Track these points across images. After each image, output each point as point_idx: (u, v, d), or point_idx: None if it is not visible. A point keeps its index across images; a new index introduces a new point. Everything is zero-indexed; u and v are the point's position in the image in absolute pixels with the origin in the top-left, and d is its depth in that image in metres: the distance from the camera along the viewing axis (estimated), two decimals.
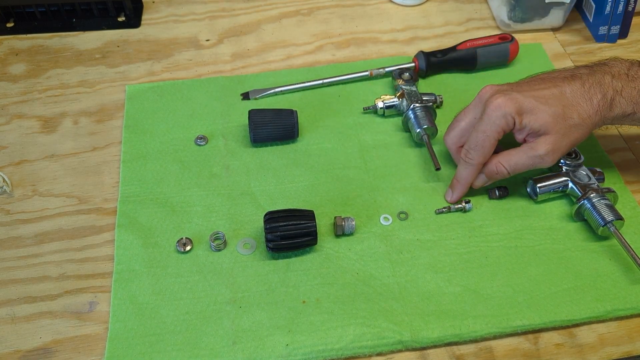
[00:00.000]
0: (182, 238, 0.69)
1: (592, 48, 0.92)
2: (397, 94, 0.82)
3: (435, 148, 0.77)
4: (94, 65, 0.90)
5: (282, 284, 0.66)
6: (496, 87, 0.70)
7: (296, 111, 0.78)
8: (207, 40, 0.94)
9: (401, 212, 0.72)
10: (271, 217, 0.67)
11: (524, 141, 0.69)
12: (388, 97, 0.82)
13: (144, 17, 0.97)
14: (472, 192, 0.74)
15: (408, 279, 0.67)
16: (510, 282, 0.66)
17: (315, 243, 0.68)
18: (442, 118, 0.82)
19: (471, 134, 0.69)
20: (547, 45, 0.92)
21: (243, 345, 0.62)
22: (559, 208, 0.73)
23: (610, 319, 0.64)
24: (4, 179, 0.75)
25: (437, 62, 0.86)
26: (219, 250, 0.69)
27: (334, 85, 0.86)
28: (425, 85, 0.86)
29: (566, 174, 0.72)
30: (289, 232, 0.66)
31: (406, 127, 0.80)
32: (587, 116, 0.67)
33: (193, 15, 0.98)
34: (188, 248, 0.69)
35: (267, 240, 0.66)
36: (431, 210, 0.72)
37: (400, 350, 0.62)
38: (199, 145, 0.79)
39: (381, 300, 0.65)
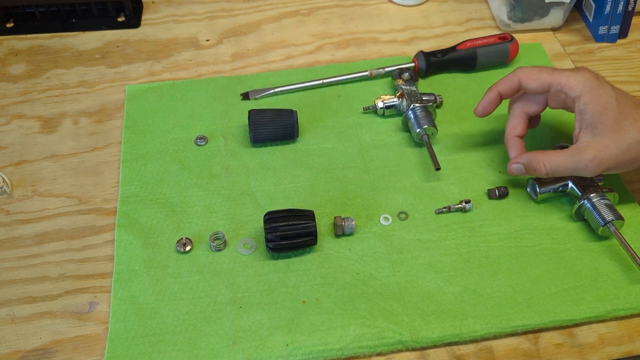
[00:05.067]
0: (182, 238, 0.69)
1: (592, 48, 0.92)
2: (397, 94, 0.82)
3: (435, 148, 0.77)
4: (93, 66, 0.90)
5: (282, 284, 0.66)
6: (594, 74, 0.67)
7: (296, 111, 0.78)
8: (207, 40, 0.94)
9: (401, 212, 0.72)
10: (271, 217, 0.66)
11: (577, 136, 0.66)
12: (388, 97, 0.82)
13: (144, 17, 0.97)
14: (472, 192, 0.74)
15: (408, 279, 0.67)
16: (510, 282, 0.66)
17: (315, 243, 0.68)
18: (442, 118, 0.82)
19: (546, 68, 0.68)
20: (547, 45, 0.92)
21: (243, 345, 0.62)
22: (559, 208, 0.73)
23: (610, 319, 0.64)
24: (3, 179, 0.75)
25: (437, 62, 0.86)
26: (219, 250, 0.69)
27: (333, 85, 0.86)
28: (425, 85, 0.86)
29: None
30: (289, 232, 0.66)
31: (406, 127, 0.80)
32: None
33: (193, 15, 0.98)
34: (188, 248, 0.69)
35: (267, 241, 0.66)
36: (431, 210, 0.72)
37: (400, 350, 0.62)
38: (199, 145, 0.79)
39: (381, 300, 0.65)
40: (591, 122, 0.65)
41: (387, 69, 0.86)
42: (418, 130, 0.77)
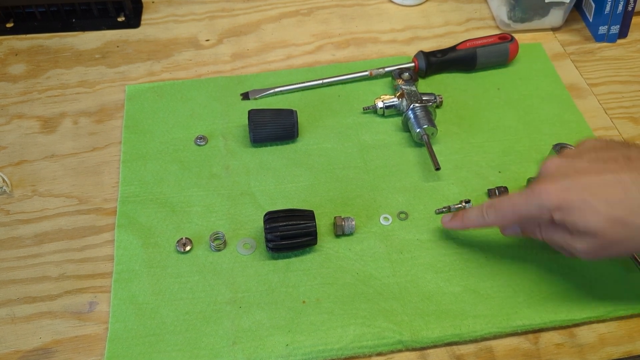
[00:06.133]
0: (182, 238, 0.69)
1: (592, 48, 0.92)
2: (397, 94, 0.82)
3: (435, 148, 0.77)
4: (93, 66, 0.90)
5: (282, 284, 0.66)
6: (556, 165, 0.59)
7: (296, 111, 0.78)
8: (207, 40, 0.94)
9: (401, 212, 0.72)
10: (271, 217, 0.66)
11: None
12: (388, 97, 0.82)
13: (144, 17, 0.97)
14: (472, 192, 0.74)
15: (408, 279, 0.67)
16: (510, 282, 0.66)
17: (315, 243, 0.68)
18: (442, 118, 0.82)
19: (504, 197, 0.62)
20: (547, 45, 0.92)
21: (243, 345, 0.62)
22: None
23: (610, 319, 0.64)
24: (3, 179, 0.75)
25: (437, 62, 0.86)
26: (219, 250, 0.69)
27: (333, 85, 0.86)
28: (425, 85, 0.86)
29: None
30: (289, 232, 0.66)
31: (406, 127, 0.80)
32: None
33: (193, 15, 0.98)
34: (188, 248, 0.69)
35: (267, 241, 0.66)
36: (431, 210, 0.72)
37: (400, 350, 0.62)
38: (199, 145, 0.79)
39: (381, 300, 0.65)
40: (576, 229, 0.57)
41: (387, 69, 0.86)
42: (418, 130, 0.77)
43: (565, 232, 0.58)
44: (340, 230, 0.69)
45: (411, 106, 0.79)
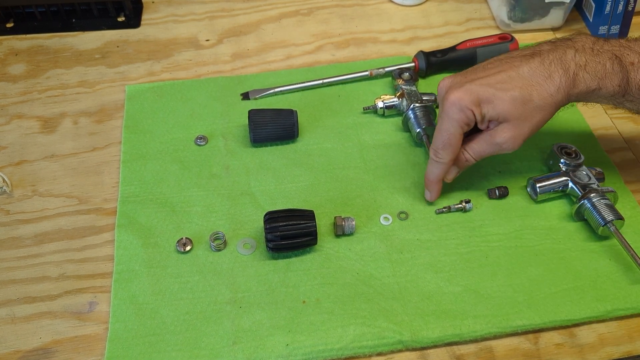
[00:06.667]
0: (182, 238, 0.69)
1: None
2: (397, 94, 0.82)
3: None
4: (93, 66, 0.90)
5: (282, 284, 0.66)
6: (450, 81, 0.68)
7: (296, 111, 0.78)
8: (207, 40, 0.94)
9: (401, 212, 0.72)
10: (271, 217, 0.67)
11: (488, 128, 0.67)
12: (388, 97, 0.82)
13: (144, 17, 0.97)
14: (472, 191, 0.74)
15: (408, 279, 0.67)
16: (510, 282, 0.66)
17: (315, 243, 0.68)
18: None
19: (435, 133, 0.68)
20: None
21: (243, 345, 0.62)
22: (559, 208, 0.73)
23: (610, 319, 0.64)
24: (3, 179, 0.75)
25: (437, 62, 0.86)
26: (219, 250, 0.69)
27: (333, 85, 0.86)
28: (425, 85, 0.86)
29: (566, 174, 0.72)
30: (289, 232, 0.66)
31: (406, 127, 0.80)
32: (547, 95, 0.64)
33: (193, 15, 0.98)
34: (188, 248, 0.69)
35: (267, 240, 0.66)
36: (431, 210, 0.72)
37: (400, 350, 0.62)
38: (199, 145, 0.79)
39: (381, 300, 0.65)
40: (491, 118, 0.66)
41: (387, 69, 0.86)
42: (418, 130, 0.77)
43: (484, 138, 0.67)
44: (340, 230, 0.69)
45: (411, 106, 0.79)
